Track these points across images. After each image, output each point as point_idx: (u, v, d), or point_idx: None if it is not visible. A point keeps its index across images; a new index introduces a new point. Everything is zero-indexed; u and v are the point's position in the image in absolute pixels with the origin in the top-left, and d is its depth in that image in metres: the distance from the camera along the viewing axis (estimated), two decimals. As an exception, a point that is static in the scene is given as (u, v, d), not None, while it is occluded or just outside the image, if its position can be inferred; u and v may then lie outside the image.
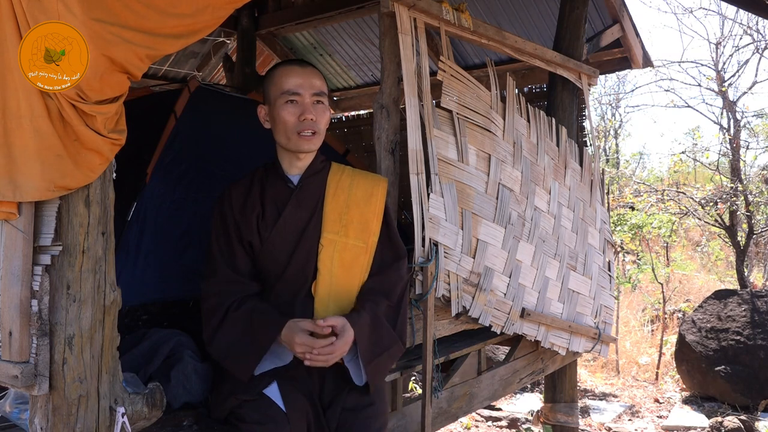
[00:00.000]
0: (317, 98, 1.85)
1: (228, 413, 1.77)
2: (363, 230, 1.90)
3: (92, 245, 1.38)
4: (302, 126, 1.83)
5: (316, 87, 1.85)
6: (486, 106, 2.64)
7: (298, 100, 1.83)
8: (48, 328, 1.34)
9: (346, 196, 1.92)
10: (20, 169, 1.28)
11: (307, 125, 1.83)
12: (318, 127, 1.85)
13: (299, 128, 1.83)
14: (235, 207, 1.88)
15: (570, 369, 3.64)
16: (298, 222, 1.88)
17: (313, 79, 1.85)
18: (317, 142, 1.88)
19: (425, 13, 2.38)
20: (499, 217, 2.65)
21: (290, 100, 1.83)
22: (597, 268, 3.35)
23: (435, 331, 2.34)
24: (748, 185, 7.09)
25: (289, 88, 1.83)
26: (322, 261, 1.85)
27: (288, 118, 1.83)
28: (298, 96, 1.83)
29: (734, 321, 5.29)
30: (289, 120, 1.83)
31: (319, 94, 1.85)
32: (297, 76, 1.84)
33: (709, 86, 8.24)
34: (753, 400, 5.03)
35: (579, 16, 3.37)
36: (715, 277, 9.26)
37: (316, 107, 1.85)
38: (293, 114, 1.83)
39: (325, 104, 1.89)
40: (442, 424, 2.55)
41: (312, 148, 1.88)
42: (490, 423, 4.87)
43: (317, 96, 1.85)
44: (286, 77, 1.84)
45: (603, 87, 14.76)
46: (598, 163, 3.50)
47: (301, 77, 1.84)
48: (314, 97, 1.84)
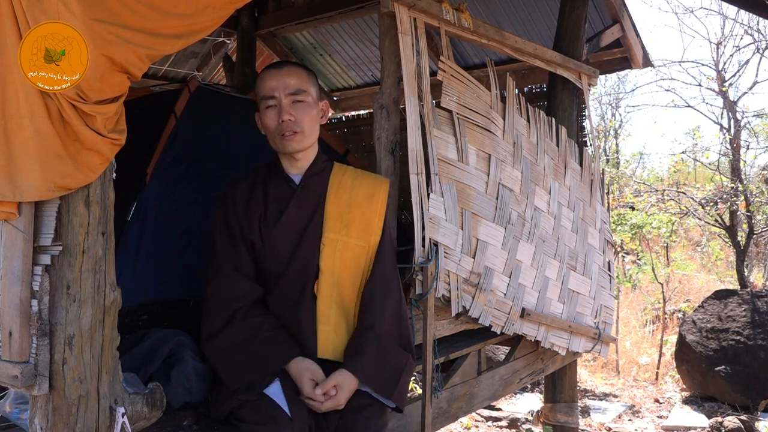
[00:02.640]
0: (294, 97, 1.82)
1: (228, 413, 1.77)
2: (365, 230, 1.90)
3: (92, 245, 1.38)
4: (281, 128, 1.82)
5: (291, 86, 1.82)
6: (486, 106, 2.64)
7: (275, 103, 1.82)
8: (48, 328, 1.34)
9: (348, 196, 1.92)
10: (20, 169, 1.28)
11: (286, 126, 1.82)
12: (299, 126, 1.83)
13: (280, 131, 1.83)
14: (239, 206, 1.89)
15: (570, 369, 3.64)
16: (299, 221, 1.88)
17: (287, 78, 1.83)
18: (303, 141, 1.86)
19: (425, 13, 2.38)
20: (499, 217, 2.65)
21: (269, 105, 1.82)
22: (597, 268, 3.35)
23: (435, 331, 2.34)
24: (748, 185, 7.09)
25: (264, 93, 1.83)
26: (324, 260, 1.86)
27: (269, 122, 1.84)
28: (273, 99, 1.82)
29: (734, 321, 5.29)
30: (270, 124, 1.84)
31: (296, 93, 1.82)
32: (271, 79, 1.83)
33: (709, 86, 8.24)
34: (753, 400, 5.02)
35: (579, 16, 3.37)
36: (715, 277, 9.26)
37: (295, 106, 1.83)
38: (273, 118, 1.83)
39: (308, 101, 1.85)
40: (442, 424, 2.55)
41: (297, 147, 1.86)
42: (490, 423, 4.87)
43: (294, 95, 1.82)
44: (262, 82, 1.84)
45: (603, 87, 14.78)
46: (598, 163, 3.50)
47: (275, 79, 1.82)
48: (291, 96, 1.82)
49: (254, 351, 1.75)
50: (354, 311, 1.88)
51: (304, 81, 1.86)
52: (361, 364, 1.77)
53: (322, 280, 1.85)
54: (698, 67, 9.74)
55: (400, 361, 1.84)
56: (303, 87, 1.84)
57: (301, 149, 1.88)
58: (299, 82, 1.84)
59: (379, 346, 1.81)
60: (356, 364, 1.76)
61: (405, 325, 1.91)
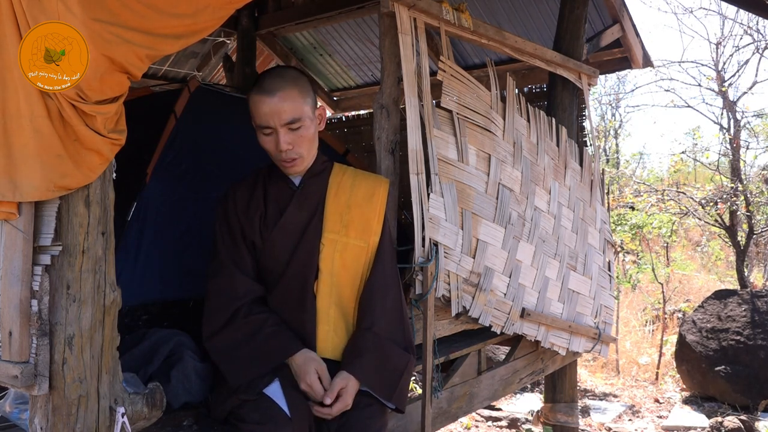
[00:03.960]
0: (290, 126, 1.79)
1: (228, 413, 1.77)
2: (364, 230, 1.90)
3: (92, 245, 1.38)
4: (280, 156, 1.82)
5: (285, 117, 1.76)
6: (486, 106, 2.64)
7: (272, 132, 1.80)
8: (48, 328, 1.34)
9: (347, 197, 1.92)
10: (20, 169, 1.28)
11: (285, 156, 1.82)
12: (299, 152, 1.83)
13: (278, 158, 1.84)
14: (239, 206, 1.89)
15: (570, 369, 3.64)
16: (299, 222, 1.88)
17: (281, 106, 1.76)
18: (303, 163, 1.87)
19: (425, 13, 2.38)
20: (499, 217, 2.65)
21: (265, 133, 1.81)
22: (597, 268, 3.35)
23: (435, 331, 2.34)
24: (748, 185, 7.08)
25: (259, 123, 1.80)
26: (323, 260, 1.86)
27: (267, 147, 1.83)
28: (269, 128, 1.79)
29: (734, 321, 5.29)
30: (269, 149, 1.84)
31: (291, 122, 1.78)
32: (265, 107, 1.77)
33: (709, 86, 8.24)
34: (753, 400, 5.02)
35: (579, 16, 3.37)
36: (715, 277, 9.26)
37: (293, 134, 1.80)
38: (271, 144, 1.82)
39: (305, 125, 1.81)
40: (442, 424, 2.55)
41: (299, 171, 1.89)
42: (490, 423, 4.87)
43: (290, 124, 1.78)
44: (256, 108, 1.79)
45: (603, 87, 14.77)
46: (598, 163, 3.50)
47: (269, 107, 1.76)
48: (287, 125, 1.78)
49: (257, 346, 1.75)
50: (353, 311, 1.89)
51: (299, 105, 1.78)
52: (361, 365, 1.77)
53: (321, 280, 1.86)
54: (698, 67, 9.71)
55: (401, 362, 1.84)
56: (297, 114, 1.78)
57: (300, 171, 1.90)
58: (293, 110, 1.77)
59: (379, 347, 1.81)
60: (356, 366, 1.77)
61: (406, 326, 1.91)
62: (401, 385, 1.83)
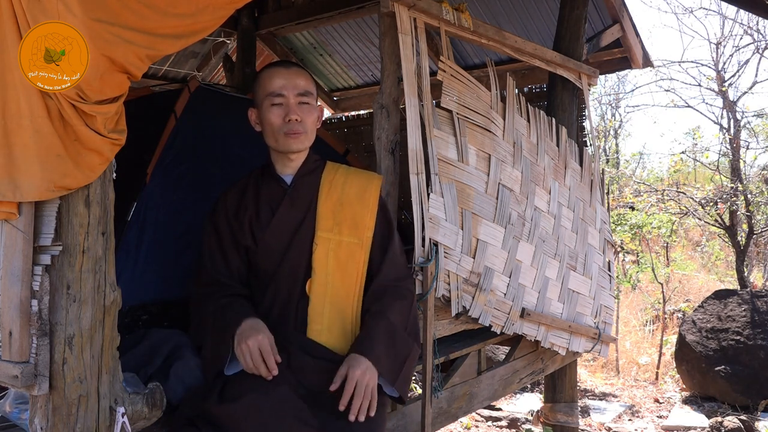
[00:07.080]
0: (302, 98, 1.84)
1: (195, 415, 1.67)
2: (356, 227, 1.89)
3: (92, 245, 1.38)
4: (288, 127, 1.83)
5: (300, 87, 1.84)
6: (486, 106, 2.64)
7: (283, 102, 1.83)
8: (48, 328, 1.34)
9: (339, 194, 1.92)
10: (20, 169, 1.28)
11: (293, 126, 1.83)
12: (304, 127, 1.85)
13: (285, 129, 1.84)
14: (230, 213, 1.91)
15: (570, 369, 3.64)
16: (291, 221, 1.88)
17: (297, 79, 1.85)
18: (305, 141, 1.88)
19: (425, 13, 2.38)
20: (499, 217, 2.65)
21: (275, 102, 1.83)
22: (597, 268, 3.35)
23: (435, 331, 2.34)
24: (748, 185, 7.09)
25: (273, 90, 1.83)
26: (317, 260, 1.85)
27: (274, 119, 1.84)
28: (282, 97, 1.83)
29: (734, 321, 5.29)
30: (275, 122, 1.84)
31: (304, 94, 1.85)
32: (281, 77, 1.84)
33: (709, 86, 8.24)
34: (753, 400, 5.02)
35: (579, 16, 3.37)
36: (715, 277, 9.26)
37: (302, 107, 1.85)
38: (279, 116, 1.83)
39: (312, 104, 1.88)
40: (442, 424, 2.55)
41: (300, 147, 1.88)
42: (490, 423, 4.87)
43: (302, 96, 1.84)
44: (270, 79, 1.84)
45: (603, 87, 14.75)
46: (598, 163, 3.50)
47: (285, 78, 1.84)
48: (299, 97, 1.84)
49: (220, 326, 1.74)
50: (351, 309, 1.86)
51: (311, 83, 1.89)
52: (374, 347, 1.72)
53: (314, 280, 1.85)
54: (698, 67, 9.73)
55: (405, 348, 1.81)
56: (310, 89, 1.87)
57: (302, 149, 1.90)
58: (307, 84, 1.87)
59: (389, 331, 1.78)
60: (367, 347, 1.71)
61: (413, 315, 1.91)
62: (404, 371, 1.79)
